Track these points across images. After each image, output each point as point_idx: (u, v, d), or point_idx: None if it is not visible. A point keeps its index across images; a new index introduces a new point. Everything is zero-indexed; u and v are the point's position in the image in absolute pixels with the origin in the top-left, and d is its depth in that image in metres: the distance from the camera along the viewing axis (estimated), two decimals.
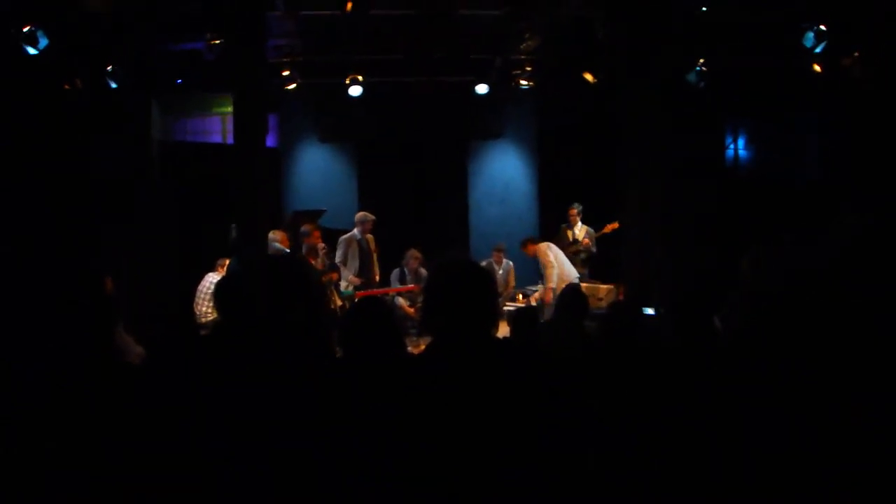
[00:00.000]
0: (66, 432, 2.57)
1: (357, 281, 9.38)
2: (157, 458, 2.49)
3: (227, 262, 8.73)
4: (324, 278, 8.42)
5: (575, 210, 10.76)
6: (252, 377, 2.54)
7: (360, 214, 9.76)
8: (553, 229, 11.13)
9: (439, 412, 2.27)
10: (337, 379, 2.62)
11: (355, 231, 9.59)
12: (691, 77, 9.05)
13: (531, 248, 9.79)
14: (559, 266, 9.48)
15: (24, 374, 2.72)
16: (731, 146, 11.79)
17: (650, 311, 7.31)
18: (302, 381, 2.52)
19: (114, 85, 8.71)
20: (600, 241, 10.68)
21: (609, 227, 10.51)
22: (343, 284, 9.36)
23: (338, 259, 9.44)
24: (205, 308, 8.72)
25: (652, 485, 2.67)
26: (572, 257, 10.07)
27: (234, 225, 8.37)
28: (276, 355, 2.60)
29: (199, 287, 8.87)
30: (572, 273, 9.59)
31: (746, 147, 11.90)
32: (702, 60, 8.98)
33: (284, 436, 2.41)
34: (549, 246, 9.71)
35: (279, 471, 2.38)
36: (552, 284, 9.27)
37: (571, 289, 5.64)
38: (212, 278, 8.82)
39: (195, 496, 2.43)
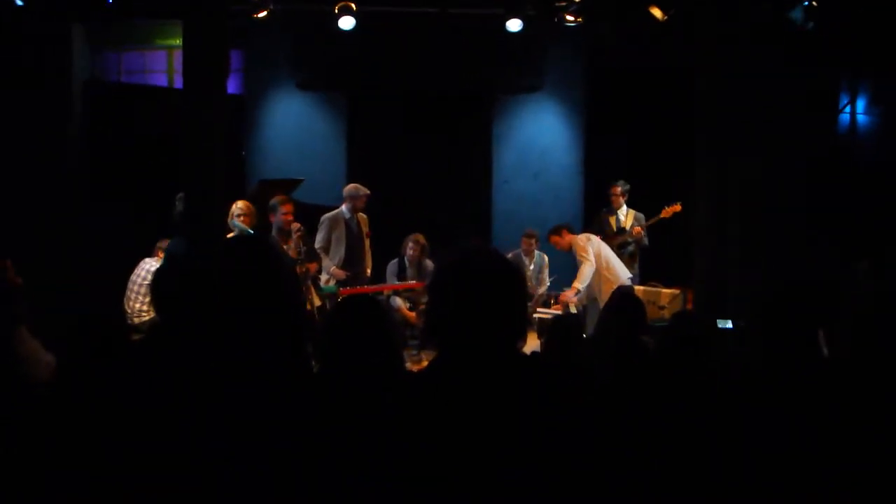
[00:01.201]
0: None
1: (342, 274, 9.38)
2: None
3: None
4: (298, 269, 8.42)
5: (619, 189, 10.70)
6: (198, 397, 2.52)
7: (350, 187, 9.75)
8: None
9: (445, 451, 2.25)
10: (312, 403, 2.61)
11: (343, 208, 9.59)
12: (796, 14, 8.99)
13: (567, 237, 9.74)
14: (606, 264, 9.46)
15: None
16: (847, 109, 11.72)
17: (728, 324, 7.30)
18: (265, 407, 2.50)
19: (19, 2, 8.68)
20: (654, 229, 10.63)
21: (669, 211, 10.43)
22: (324, 278, 9.36)
23: (318, 244, 9.44)
24: (139, 305, 8.74)
25: None
26: (617, 252, 10.06)
27: (180, 195, 8.37)
28: (232, 369, 2.58)
29: (133, 277, 8.89)
30: (623, 273, 9.57)
31: (867, 110, 11.83)
32: None
33: (240, 481, 2.40)
34: (589, 238, 9.67)
35: None
36: (580, 284, 9.25)
37: (623, 293, 5.63)
38: (149, 266, 8.84)
39: None
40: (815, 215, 9.09)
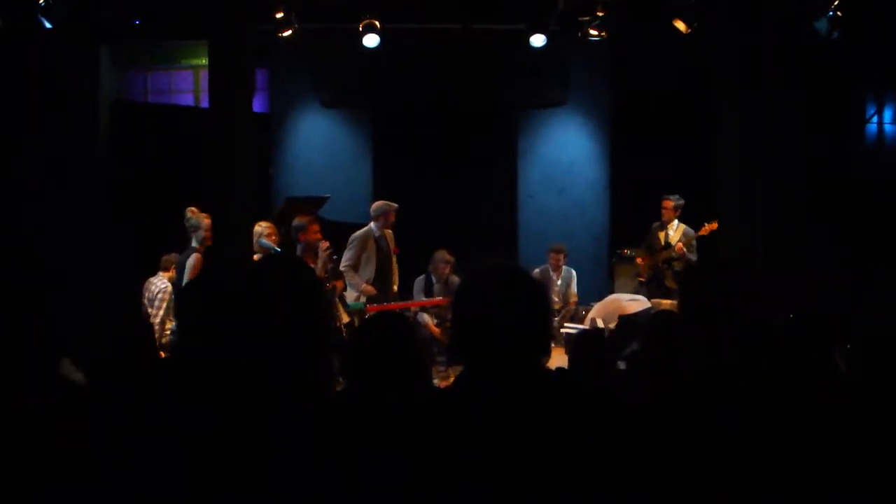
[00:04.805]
0: None
1: (372, 290, 9.34)
2: None
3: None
4: (327, 285, 8.43)
5: (671, 202, 10.45)
6: (228, 418, 2.53)
7: (379, 204, 9.74)
8: (628, 228, 11.06)
9: (471, 467, 2.26)
10: (338, 421, 2.60)
11: (372, 226, 9.57)
12: (821, 25, 8.96)
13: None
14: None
15: None
16: (874, 120, 11.67)
17: None
18: (294, 426, 2.50)
19: (48, 25, 8.76)
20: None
21: (707, 229, 10.24)
22: (353, 295, 9.32)
23: (347, 262, 9.36)
24: (165, 326, 8.73)
25: None
26: (660, 267, 9.98)
27: (190, 209, 8.38)
28: (260, 388, 2.59)
29: (149, 296, 8.85)
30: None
31: (895, 120, 11.77)
32: (836, 2, 8.89)
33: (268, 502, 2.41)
34: None
35: None
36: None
37: (663, 315, 5.58)
38: (160, 283, 8.82)
39: None
40: (843, 228, 9.03)
